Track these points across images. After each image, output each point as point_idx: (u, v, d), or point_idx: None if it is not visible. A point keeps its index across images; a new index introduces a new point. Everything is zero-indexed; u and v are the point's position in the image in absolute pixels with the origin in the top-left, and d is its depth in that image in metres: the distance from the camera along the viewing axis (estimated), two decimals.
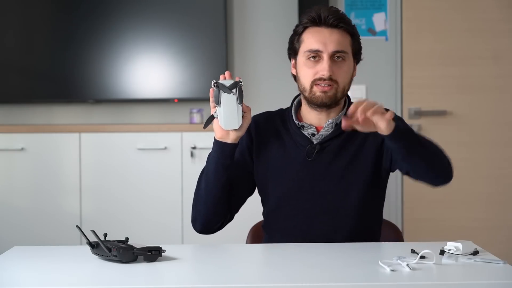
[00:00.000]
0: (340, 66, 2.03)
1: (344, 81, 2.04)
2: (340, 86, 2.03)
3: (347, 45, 2.05)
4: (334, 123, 2.06)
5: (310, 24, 2.04)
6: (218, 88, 1.93)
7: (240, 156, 2.11)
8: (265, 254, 1.82)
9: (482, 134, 4.19)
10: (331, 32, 2.02)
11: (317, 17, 2.02)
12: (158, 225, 3.94)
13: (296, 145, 2.07)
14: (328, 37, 2.01)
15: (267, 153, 2.09)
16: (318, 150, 2.05)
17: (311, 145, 2.05)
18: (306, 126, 2.07)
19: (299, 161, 2.06)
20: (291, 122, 2.10)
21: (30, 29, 4.22)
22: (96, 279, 1.62)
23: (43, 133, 4.01)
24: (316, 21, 2.03)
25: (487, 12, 4.18)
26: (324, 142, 2.06)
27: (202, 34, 4.19)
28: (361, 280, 1.56)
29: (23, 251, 1.92)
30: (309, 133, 2.07)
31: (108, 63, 4.19)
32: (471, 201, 4.19)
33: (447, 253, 1.71)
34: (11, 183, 4.00)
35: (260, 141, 2.11)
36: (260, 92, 4.23)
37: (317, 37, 2.02)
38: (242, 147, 2.11)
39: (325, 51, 2.01)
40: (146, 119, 4.31)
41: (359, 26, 4.21)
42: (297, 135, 2.08)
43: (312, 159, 2.04)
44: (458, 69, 4.19)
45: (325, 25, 2.02)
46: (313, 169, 2.04)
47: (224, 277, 1.62)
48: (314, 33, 2.03)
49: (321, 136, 2.06)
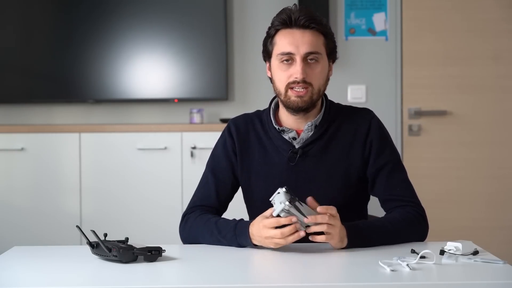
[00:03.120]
0: (313, 68, 2.00)
1: (319, 82, 2.02)
2: (315, 88, 2.01)
3: (320, 45, 2.02)
4: (313, 125, 2.06)
5: (281, 26, 2.01)
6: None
7: (227, 160, 2.11)
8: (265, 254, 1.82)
9: (482, 134, 4.19)
10: (303, 34, 1.99)
11: (287, 19, 2.00)
12: (158, 225, 3.94)
13: (277, 150, 2.07)
14: (300, 39, 1.99)
15: (249, 158, 2.09)
16: (301, 154, 2.04)
17: (293, 149, 2.05)
18: (287, 130, 2.06)
19: (282, 165, 2.05)
20: (271, 126, 2.09)
21: (30, 29, 4.22)
22: (96, 279, 1.62)
23: (43, 133, 4.01)
24: (287, 23, 2.00)
25: (488, 12, 4.18)
26: (305, 146, 2.05)
27: (202, 34, 4.19)
28: (361, 280, 1.55)
29: (23, 251, 1.92)
30: (289, 137, 2.06)
31: (108, 63, 4.19)
32: (471, 201, 4.19)
33: (447, 253, 1.71)
34: (11, 183, 4.00)
35: (242, 145, 2.11)
36: (260, 92, 4.22)
37: (289, 39, 2.00)
38: (227, 150, 2.11)
39: (298, 53, 1.98)
40: (146, 119, 4.31)
41: (359, 26, 4.21)
42: (278, 139, 2.07)
43: (295, 164, 2.04)
44: (458, 69, 4.19)
45: (296, 26, 2.00)
46: (296, 173, 2.04)
47: (224, 277, 1.62)
48: (286, 35, 2.01)
49: (302, 140, 2.06)
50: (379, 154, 2.05)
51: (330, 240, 1.81)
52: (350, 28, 4.24)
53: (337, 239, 1.81)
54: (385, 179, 2.04)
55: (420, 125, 4.20)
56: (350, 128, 2.07)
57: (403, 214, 1.98)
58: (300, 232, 1.77)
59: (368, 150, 2.05)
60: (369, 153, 2.05)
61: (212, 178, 2.12)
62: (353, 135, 2.06)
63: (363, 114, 2.11)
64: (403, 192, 2.04)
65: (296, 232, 1.77)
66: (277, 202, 1.78)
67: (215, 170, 2.12)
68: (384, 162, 2.04)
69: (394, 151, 2.09)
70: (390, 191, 2.04)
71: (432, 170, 4.19)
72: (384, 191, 2.04)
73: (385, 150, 2.06)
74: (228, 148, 2.11)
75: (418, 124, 4.20)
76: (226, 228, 1.93)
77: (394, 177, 2.05)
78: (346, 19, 4.25)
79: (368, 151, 2.05)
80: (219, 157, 2.13)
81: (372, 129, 2.07)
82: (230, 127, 2.13)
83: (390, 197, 2.04)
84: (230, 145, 2.11)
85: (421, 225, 1.99)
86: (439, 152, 4.20)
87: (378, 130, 2.07)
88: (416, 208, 2.02)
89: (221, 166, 2.12)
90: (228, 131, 2.13)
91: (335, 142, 2.06)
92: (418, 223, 1.99)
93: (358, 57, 4.22)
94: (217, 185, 2.11)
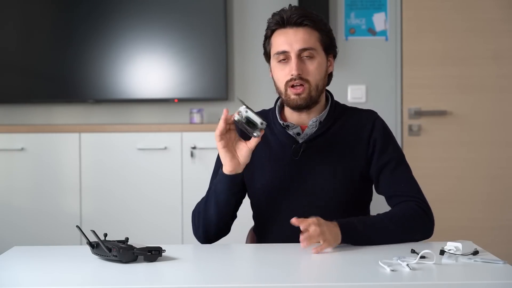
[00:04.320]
0: (309, 64, 2.03)
1: (316, 78, 2.04)
2: (312, 85, 2.03)
3: (314, 41, 2.04)
4: (318, 121, 2.08)
5: (276, 27, 2.06)
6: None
7: None
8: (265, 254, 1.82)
9: (482, 134, 4.19)
10: (296, 31, 2.03)
11: (280, 19, 2.04)
12: (158, 225, 3.94)
13: (282, 145, 2.09)
14: (293, 37, 2.02)
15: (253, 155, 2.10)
16: (304, 149, 2.05)
17: (296, 144, 2.06)
18: (291, 126, 2.09)
19: (286, 160, 2.07)
20: (276, 122, 2.11)
21: (30, 29, 4.22)
22: (96, 279, 1.62)
23: (43, 133, 4.01)
24: (280, 23, 2.05)
25: (487, 12, 4.18)
26: (309, 141, 2.07)
27: (202, 34, 4.19)
28: (361, 280, 1.56)
29: (23, 251, 1.92)
30: (294, 132, 2.09)
31: (108, 63, 4.19)
32: (471, 201, 4.19)
33: (447, 253, 1.71)
34: (11, 183, 4.00)
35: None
36: (260, 92, 4.22)
37: (282, 39, 2.04)
38: None
39: (292, 51, 2.02)
40: (146, 119, 4.31)
41: (359, 26, 4.21)
42: (283, 135, 2.09)
43: (298, 158, 2.05)
44: (458, 69, 4.19)
45: (289, 25, 2.04)
46: (300, 167, 2.05)
47: (224, 277, 1.62)
48: (280, 34, 2.05)
49: (306, 135, 2.08)
50: (383, 152, 2.06)
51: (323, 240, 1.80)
52: (350, 28, 4.24)
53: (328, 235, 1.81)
54: (389, 175, 2.05)
55: (420, 125, 4.20)
56: (355, 127, 2.10)
57: (405, 210, 1.98)
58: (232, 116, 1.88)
59: (371, 148, 2.07)
60: (372, 151, 2.07)
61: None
62: (357, 134, 2.08)
63: (367, 115, 2.14)
64: (408, 188, 2.04)
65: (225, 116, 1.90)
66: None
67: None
68: (388, 159, 2.06)
69: (398, 149, 2.10)
70: (395, 187, 2.04)
71: (432, 170, 4.19)
72: (389, 188, 2.05)
73: (388, 148, 2.07)
74: None
75: (418, 124, 4.20)
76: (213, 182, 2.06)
77: (398, 173, 2.06)
78: (346, 19, 4.25)
79: (372, 149, 2.07)
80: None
81: (376, 129, 2.09)
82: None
83: (395, 193, 2.04)
84: None
85: (424, 221, 1.98)
86: (439, 152, 4.21)
87: (382, 130, 2.10)
88: (421, 204, 2.01)
89: None
90: None
91: (339, 139, 2.08)
92: (421, 219, 1.98)
93: (358, 57, 4.22)
94: None
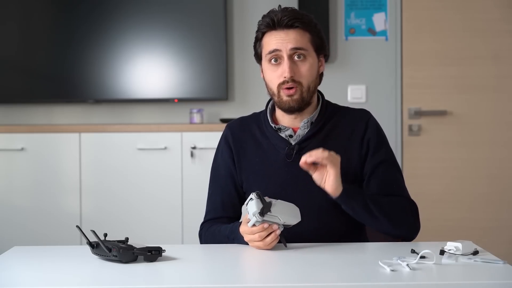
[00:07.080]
0: (301, 66, 2.04)
1: (308, 79, 2.05)
2: (304, 87, 2.04)
3: (306, 42, 2.05)
4: (309, 122, 2.08)
5: (266, 29, 2.07)
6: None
7: (226, 168, 2.14)
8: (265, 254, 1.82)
9: (482, 134, 4.20)
10: (287, 33, 2.04)
11: (271, 21, 2.05)
12: (158, 225, 3.94)
13: (274, 148, 2.09)
14: (285, 38, 2.03)
15: (246, 159, 2.10)
16: (297, 151, 2.05)
17: (289, 146, 2.06)
18: (283, 129, 2.09)
19: (280, 163, 2.07)
20: (268, 125, 2.11)
21: (30, 29, 4.22)
22: (96, 279, 1.62)
23: (43, 133, 4.01)
24: (271, 25, 2.05)
25: (487, 12, 4.18)
26: (302, 142, 2.07)
27: (202, 34, 4.19)
28: (361, 280, 1.56)
29: (23, 251, 1.92)
30: (286, 135, 2.09)
31: (108, 63, 4.19)
32: (471, 201, 4.19)
33: (447, 253, 1.71)
34: (11, 183, 4.00)
35: (239, 149, 2.13)
36: (260, 92, 4.21)
37: (274, 39, 2.05)
38: (225, 157, 2.14)
39: (284, 50, 2.03)
40: (146, 119, 4.31)
41: (359, 26, 4.21)
42: (275, 138, 2.09)
43: (292, 160, 2.05)
44: (457, 69, 4.19)
45: (280, 27, 2.04)
46: (293, 170, 2.05)
47: (224, 277, 1.62)
48: (272, 36, 2.05)
49: (299, 137, 2.08)
50: (376, 153, 2.07)
51: (331, 169, 1.88)
52: (350, 28, 4.24)
53: (334, 178, 1.89)
54: (381, 176, 2.06)
55: (420, 125, 4.20)
56: (347, 127, 2.10)
57: (401, 202, 2.04)
58: (277, 231, 1.83)
59: (365, 148, 2.07)
60: (366, 151, 2.07)
61: (216, 189, 2.16)
62: (350, 134, 2.09)
63: (360, 114, 2.14)
64: (399, 189, 2.08)
65: (272, 232, 1.82)
66: (250, 212, 1.83)
67: (217, 180, 2.16)
68: (381, 159, 2.07)
69: (390, 152, 2.12)
70: (386, 188, 2.06)
71: (432, 170, 4.19)
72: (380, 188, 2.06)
73: (381, 149, 2.09)
74: (225, 155, 2.14)
75: (418, 124, 4.20)
76: (226, 232, 2.00)
77: (391, 175, 2.07)
78: (346, 19, 4.25)
79: (366, 149, 2.07)
80: (219, 165, 2.16)
81: (370, 129, 2.09)
82: (226, 133, 2.17)
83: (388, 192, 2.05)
84: (227, 152, 2.14)
85: (413, 217, 2.04)
86: (438, 152, 4.21)
87: (376, 130, 2.10)
88: (413, 206, 2.06)
89: (221, 175, 2.15)
90: (225, 138, 2.17)
91: (332, 140, 2.08)
92: (411, 214, 2.04)
93: (358, 57, 4.22)
94: (222, 195, 2.14)
